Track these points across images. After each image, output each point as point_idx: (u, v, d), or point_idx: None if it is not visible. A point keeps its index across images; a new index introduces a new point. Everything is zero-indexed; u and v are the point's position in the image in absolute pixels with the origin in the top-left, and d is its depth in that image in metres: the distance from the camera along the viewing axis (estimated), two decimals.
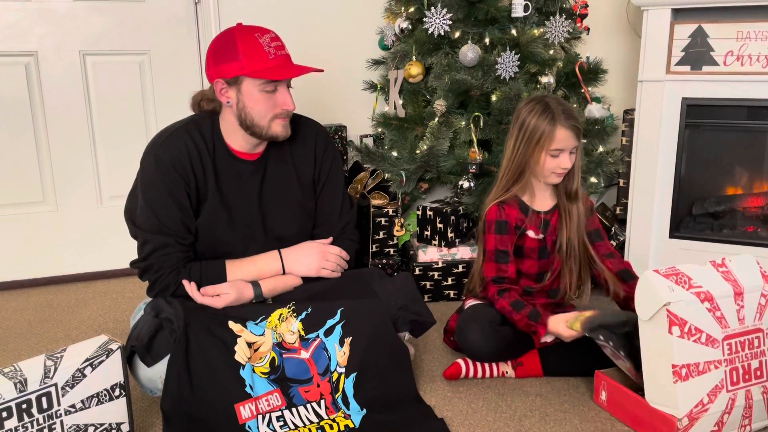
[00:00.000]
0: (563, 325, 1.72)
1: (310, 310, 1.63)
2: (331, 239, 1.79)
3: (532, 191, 1.88)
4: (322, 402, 1.59)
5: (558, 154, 1.79)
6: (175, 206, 1.62)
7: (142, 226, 1.63)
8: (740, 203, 2.41)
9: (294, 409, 1.56)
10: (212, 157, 1.66)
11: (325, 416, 1.58)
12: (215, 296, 1.63)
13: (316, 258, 1.73)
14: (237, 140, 1.68)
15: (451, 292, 2.42)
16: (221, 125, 1.69)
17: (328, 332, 1.62)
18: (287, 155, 1.75)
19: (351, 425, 1.56)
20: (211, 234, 1.67)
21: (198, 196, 1.65)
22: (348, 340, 1.61)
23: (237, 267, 1.68)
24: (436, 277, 2.41)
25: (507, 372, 1.85)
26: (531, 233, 1.86)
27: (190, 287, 1.62)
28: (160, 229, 1.61)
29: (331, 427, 1.55)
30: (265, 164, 1.73)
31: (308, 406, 1.58)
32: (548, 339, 1.80)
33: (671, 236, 2.37)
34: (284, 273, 1.72)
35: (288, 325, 1.61)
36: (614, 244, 2.47)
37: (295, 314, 1.62)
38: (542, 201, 1.89)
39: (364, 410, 1.59)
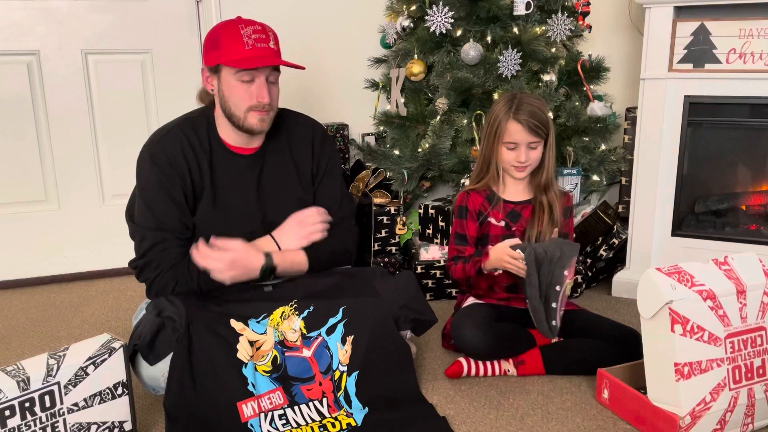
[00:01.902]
0: (505, 248, 1.74)
1: (312, 308, 1.63)
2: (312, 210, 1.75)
3: (504, 182, 1.91)
4: (324, 400, 1.59)
5: (514, 147, 1.82)
6: (172, 203, 1.63)
7: (140, 223, 1.65)
8: (743, 201, 2.41)
9: (296, 407, 1.57)
10: (208, 153, 1.67)
11: (327, 414, 1.58)
12: (215, 257, 1.59)
13: (300, 228, 1.73)
14: (230, 134, 1.69)
15: (453, 291, 2.42)
16: (216, 120, 1.70)
17: (330, 330, 1.62)
18: (285, 148, 1.76)
19: (353, 423, 1.56)
20: (209, 231, 1.67)
21: (195, 194, 1.66)
22: (350, 339, 1.61)
23: None
24: (438, 275, 2.41)
25: (509, 370, 1.85)
26: (493, 220, 1.89)
27: (195, 249, 1.60)
28: (158, 225, 1.62)
29: (334, 426, 1.55)
30: (263, 158, 1.73)
31: (310, 404, 1.58)
32: (494, 271, 1.81)
33: (673, 234, 2.37)
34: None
35: (290, 324, 1.61)
36: (616, 242, 2.46)
37: (297, 312, 1.62)
38: (515, 192, 1.91)
39: (366, 408, 1.59)
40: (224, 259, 1.59)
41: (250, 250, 1.63)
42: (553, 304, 1.68)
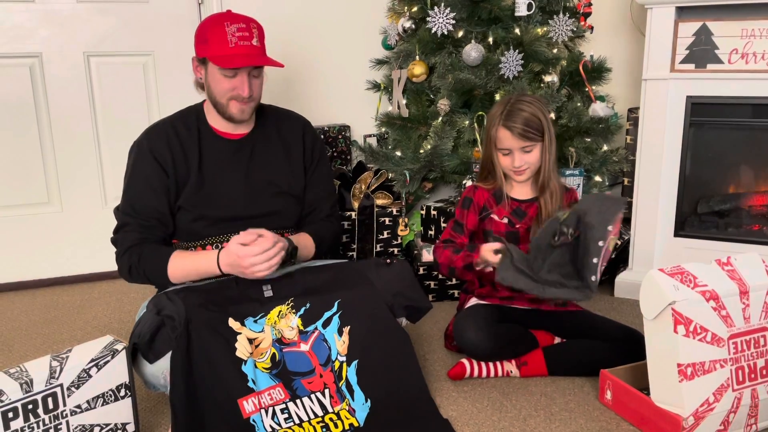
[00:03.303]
0: (490, 253, 1.74)
1: (308, 305, 1.64)
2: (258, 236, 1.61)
3: (510, 182, 1.91)
4: (326, 391, 1.59)
5: (508, 153, 1.83)
6: (147, 189, 1.70)
7: (119, 206, 1.75)
8: (745, 201, 2.40)
9: (298, 401, 1.57)
10: (197, 140, 1.75)
11: (329, 408, 1.58)
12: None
13: (240, 269, 1.62)
14: (218, 121, 1.76)
15: (456, 292, 2.42)
16: (206, 109, 1.78)
17: (326, 323, 1.63)
18: (275, 134, 1.83)
19: (356, 424, 1.56)
20: (195, 212, 1.73)
21: (178, 183, 1.72)
22: (346, 329, 1.62)
23: (179, 259, 1.68)
24: (440, 276, 2.41)
25: (511, 371, 1.85)
26: (495, 217, 1.90)
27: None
28: (128, 208, 1.71)
29: (336, 426, 1.55)
30: (252, 143, 1.79)
31: (312, 396, 1.58)
32: (485, 267, 1.80)
33: (676, 235, 2.37)
34: (222, 274, 1.66)
35: (287, 322, 1.62)
36: (619, 243, 2.46)
37: (294, 310, 1.63)
38: (520, 191, 1.92)
39: (369, 402, 1.59)
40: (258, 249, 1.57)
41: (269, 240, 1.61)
42: (594, 260, 1.62)
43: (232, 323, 1.56)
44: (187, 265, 1.68)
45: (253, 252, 1.56)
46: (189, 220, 1.73)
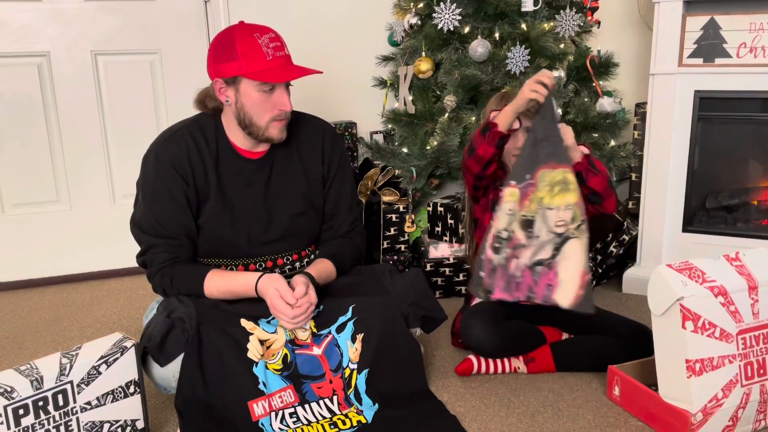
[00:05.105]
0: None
1: (322, 307, 1.64)
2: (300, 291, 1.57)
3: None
4: (335, 398, 1.59)
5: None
6: (172, 205, 1.62)
7: (138, 223, 1.65)
8: (754, 196, 2.39)
9: (307, 406, 1.57)
10: (215, 156, 1.66)
11: (337, 412, 1.58)
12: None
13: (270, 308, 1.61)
14: (239, 138, 1.67)
15: (463, 288, 2.42)
16: (225, 123, 1.68)
17: (340, 329, 1.62)
18: (294, 152, 1.74)
19: (363, 420, 1.57)
20: (214, 233, 1.67)
21: (199, 196, 1.65)
22: (360, 337, 1.61)
23: (215, 280, 1.63)
24: (447, 273, 2.41)
25: (519, 367, 1.85)
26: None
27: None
28: (154, 226, 1.62)
29: (344, 423, 1.56)
30: (271, 162, 1.71)
31: (321, 402, 1.59)
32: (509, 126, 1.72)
33: (684, 230, 2.36)
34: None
35: None
36: (627, 239, 2.45)
37: None
38: None
39: (377, 405, 1.59)
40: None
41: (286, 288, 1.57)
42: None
43: (245, 323, 1.56)
44: (222, 285, 1.62)
45: (285, 312, 1.54)
46: (203, 240, 1.68)
